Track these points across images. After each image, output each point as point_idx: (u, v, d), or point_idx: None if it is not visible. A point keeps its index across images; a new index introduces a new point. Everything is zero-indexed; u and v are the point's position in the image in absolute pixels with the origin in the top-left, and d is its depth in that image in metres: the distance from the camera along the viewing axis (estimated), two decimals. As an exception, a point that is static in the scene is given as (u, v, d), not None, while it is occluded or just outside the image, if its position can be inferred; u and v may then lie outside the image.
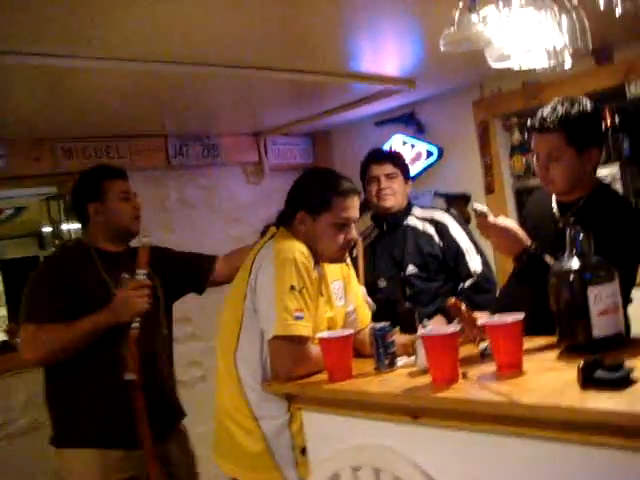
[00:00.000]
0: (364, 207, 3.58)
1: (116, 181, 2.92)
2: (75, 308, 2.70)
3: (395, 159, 3.52)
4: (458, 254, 3.34)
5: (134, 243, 2.98)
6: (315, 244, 2.48)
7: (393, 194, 3.43)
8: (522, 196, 4.42)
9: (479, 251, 3.36)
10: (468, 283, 3.28)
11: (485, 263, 3.36)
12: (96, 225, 2.91)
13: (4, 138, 3.92)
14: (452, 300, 2.44)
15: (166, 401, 2.97)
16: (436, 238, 3.39)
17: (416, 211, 3.52)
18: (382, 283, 3.39)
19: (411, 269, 3.34)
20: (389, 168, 3.45)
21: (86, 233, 2.99)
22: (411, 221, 3.47)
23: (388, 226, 3.49)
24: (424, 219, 3.47)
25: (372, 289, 3.32)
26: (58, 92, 3.27)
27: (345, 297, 2.68)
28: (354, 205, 2.52)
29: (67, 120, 3.80)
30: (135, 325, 2.73)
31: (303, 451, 2.41)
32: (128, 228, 2.93)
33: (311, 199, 2.51)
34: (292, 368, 2.36)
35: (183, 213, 4.73)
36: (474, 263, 3.32)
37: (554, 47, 2.12)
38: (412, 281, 3.33)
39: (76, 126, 3.97)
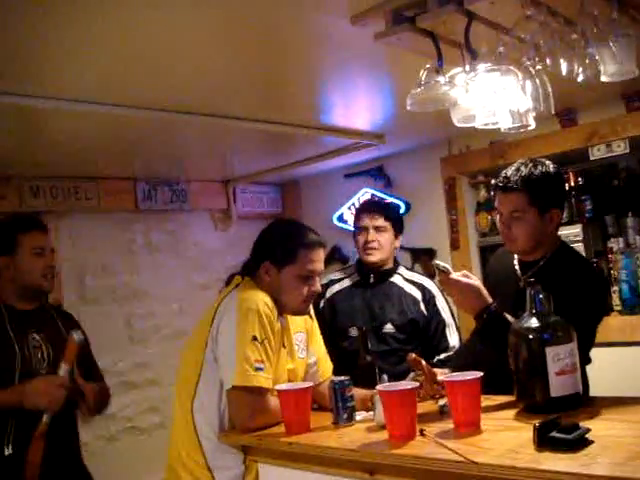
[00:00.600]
0: (332, 256, 3.60)
1: (30, 234, 2.79)
2: None
3: (388, 212, 3.43)
4: (440, 326, 3.27)
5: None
6: (279, 295, 2.47)
7: (380, 248, 3.33)
8: (487, 253, 4.46)
9: (457, 327, 3.32)
10: (443, 356, 3.21)
11: (460, 340, 3.30)
12: (6, 280, 2.77)
13: (-31, 175, 3.90)
14: (412, 355, 2.45)
15: None
16: (422, 305, 3.31)
17: (402, 271, 3.44)
18: (353, 332, 3.28)
19: (389, 328, 3.26)
20: (380, 220, 3.35)
21: None
22: (397, 280, 3.39)
23: (374, 278, 3.39)
24: (411, 282, 3.38)
25: (341, 336, 3.29)
26: (26, 131, 3.27)
27: (307, 349, 2.67)
28: (319, 258, 2.52)
29: (35, 159, 3.79)
30: (45, 421, 2.59)
31: (258, 504, 2.38)
32: (39, 285, 2.79)
33: (276, 250, 2.51)
34: (250, 419, 2.33)
35: (149, 257, 4.71)
36: (453, 338, 3.27)
37: (518, 109, 2.17)
38: (387, 339, 3.26)
39: (44, 165, 3.96)
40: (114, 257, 4.50)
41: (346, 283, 3.48)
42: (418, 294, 3.33)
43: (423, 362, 2.41)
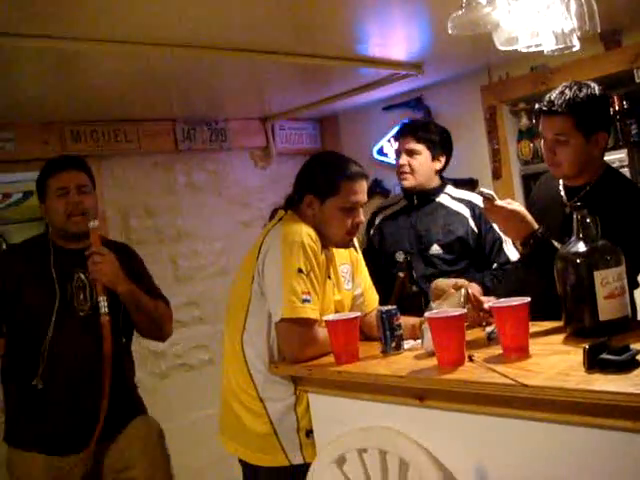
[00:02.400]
0: (373, 190, 3.57)
1: (55, 177, 2.77)
2: (12, 299, 2.71)
3: (421, 133, 3.26)
4: (496, 241, 3.16)
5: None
6: (322, 228, 2.48)
7: (411, 172, 3.23)
8: (529, 181, 4.40)
9: (514, 243, 3.19)
10: (505, 267, 3.11)
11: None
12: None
13: (13, 122, 3.93)
14: (459, 283, 2.44)
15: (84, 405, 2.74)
16: (471, 221, 3.22)
17: (450, 190, 3.33)
18: (400, 257, 3.22)
19: (435, 249, 3.18)
20: (411, 143, 3.23)
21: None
22: (444, 199, 3.29)
23: (418, 200, 3.30)
24: (459, 199, 3.29)
25: (389, 261, 3.24)
26: (66, 75, 3.28)
27: (353, 281, 2.69)
28: (362, 189, 2.51)
29: (75, 103, 3.81)
30: (104, 311, 2.67)
31: (308, 434, 2.43)
32: (63, 228, 2.77)
33: (319, 183, 2.51)
34: (299, 351, 2.37)
35: (191, 197, 4.74)
36: (513, 253, 3.14)
37: (562, 30, 2.11)
38: (434, 262, 3.18)
39: (84, 109, 3.98)
40: (157, 198, 4.54)
41: (394, 209, 3.41)
42: (466, 211, 3.24)
43: (470, 290, 2.41)
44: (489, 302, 2.31)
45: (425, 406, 2.04)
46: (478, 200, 3.22)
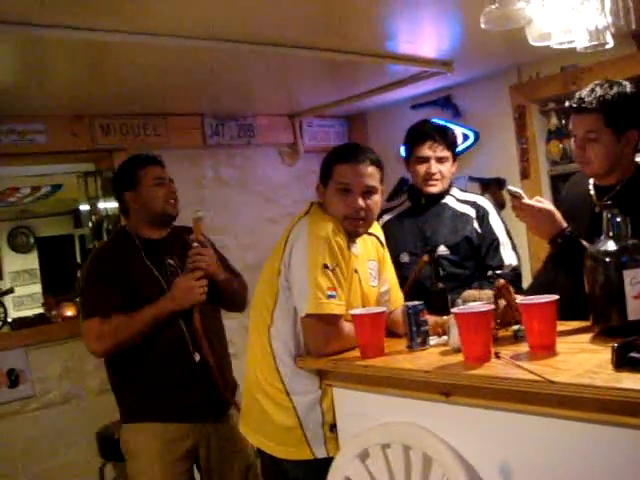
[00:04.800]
0: (400, 188, 3.55)
1: (149, 168, 3.00)
2: (129, 297, 2.81)
3: (449, 140, 3.26)
4: (493, 243, 3.16)
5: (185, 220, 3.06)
6: (330, 214, 2.50)
7: (441, 179, 3.20)
8: (558, 182, 4.37)
9: (514, 248, 3.20)
10: (501, 272, 3.07)
11: (519, 260, 3.20)
12: (135, 213, 2.99)
13: (43, 114, 3.97)
14: (502, 281, 2.39)
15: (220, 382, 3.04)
16: (475, 222, 3.20)
17: (455, 192, 3.31)
18: (405, 258, 3.20)
19: (442, 250, 3.14)
20: (443, 151, 3.20)
21: (129, 221, 3.06)
22: (449, 201, 3.27)
23: (426, 202, 3.27)
24: (464, 201, 3.27)
25: (394, 263, 3.11)
26: (97, 68, 3.31)
27: (379, 277, 2.68)
28: (357, 173, 2.49)
29: (105, 97, 3.84)
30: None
31: (332, 428, 2.43)
32: (164, 211, 2.99)
33: (322, 169, 2.59)
34: (325, 345, 2.38)
35: (218, 192, 4.76)
36: (509, 257, 3.14)
37: (596, 27, 2.10)
38: (441, 263, 3.11)
39: (114, 103, 4.01)
40: (184, 192, 4.52)
41: (399, 210, 3.38)
42: (472, 211, 3.22)
43: (511, 288, 2.38)
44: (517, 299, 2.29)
45: (450, 402, 2.04)
46: (483, 202, 3.28)
